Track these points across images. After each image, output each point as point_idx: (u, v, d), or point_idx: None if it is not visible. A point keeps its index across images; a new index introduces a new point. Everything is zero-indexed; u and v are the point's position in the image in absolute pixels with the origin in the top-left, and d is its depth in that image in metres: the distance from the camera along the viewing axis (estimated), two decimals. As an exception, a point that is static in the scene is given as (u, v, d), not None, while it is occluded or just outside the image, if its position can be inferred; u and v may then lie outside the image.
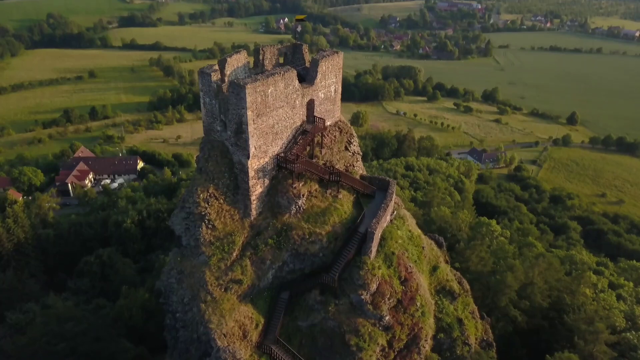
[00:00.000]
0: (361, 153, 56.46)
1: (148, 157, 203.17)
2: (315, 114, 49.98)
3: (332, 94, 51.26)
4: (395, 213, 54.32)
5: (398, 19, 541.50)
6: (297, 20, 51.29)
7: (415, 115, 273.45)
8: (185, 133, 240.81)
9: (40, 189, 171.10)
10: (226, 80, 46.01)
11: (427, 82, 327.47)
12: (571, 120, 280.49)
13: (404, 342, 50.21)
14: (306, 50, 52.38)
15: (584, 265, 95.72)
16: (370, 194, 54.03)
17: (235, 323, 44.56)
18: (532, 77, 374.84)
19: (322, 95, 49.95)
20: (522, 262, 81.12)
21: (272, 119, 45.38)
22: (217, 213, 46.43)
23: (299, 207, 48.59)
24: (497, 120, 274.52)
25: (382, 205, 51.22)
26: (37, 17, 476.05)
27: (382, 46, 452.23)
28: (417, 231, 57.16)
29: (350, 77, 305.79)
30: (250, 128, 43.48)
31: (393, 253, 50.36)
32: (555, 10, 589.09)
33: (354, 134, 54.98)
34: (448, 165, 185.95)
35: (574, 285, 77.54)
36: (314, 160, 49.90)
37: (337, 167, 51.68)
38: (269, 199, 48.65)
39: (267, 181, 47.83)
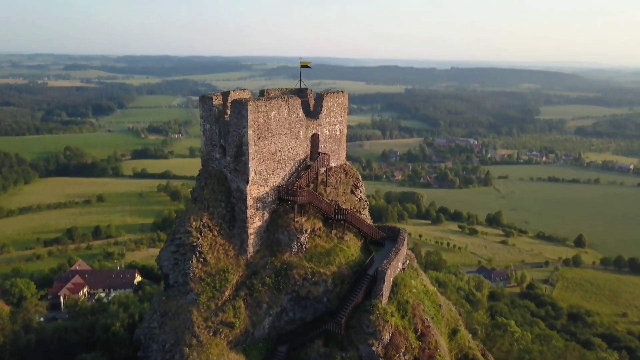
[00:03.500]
0: (368, 202, 53.13)
1: (147, 272, 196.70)
2: (320, 150, 47.93)
3: (337, 133, 49.78)
4: (407, 262, 49.29)
5: (398, 153, 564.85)
6: (302, 66, 51.74)
7: (420, 235, 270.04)
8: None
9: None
10: (227, 112, 44.91)
11: (431, 207, 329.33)
12: (579, 242, 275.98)
13: (424, 411, 42.03)
14: (311, 94, 52.06)
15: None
16: (380, 242, 49.58)
17: (224, 370, 37.60)
18: (533, 204, 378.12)
19: (327, 133, 48.40)
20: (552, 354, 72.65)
21: (274, 144, 43.28)
22: (210, 246, 41.98)
23: (301, 245, 44.07)
24: (503, 242, 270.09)
25: (393, 249, 46.61)
26: (55, 150, 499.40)
27: (384, 176, 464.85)
28: (433, 288, 51.39)
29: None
30: (251, 149, 41.19)
31: (407, 302, 44.45)
32: (549, 146, 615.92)
33: (360, 179, 52.29)
34: (457, 279, 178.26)
35: (614, 378, 68.06)
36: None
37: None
38: (268, 236, 44.40)
39: (266, 215, 44.09)
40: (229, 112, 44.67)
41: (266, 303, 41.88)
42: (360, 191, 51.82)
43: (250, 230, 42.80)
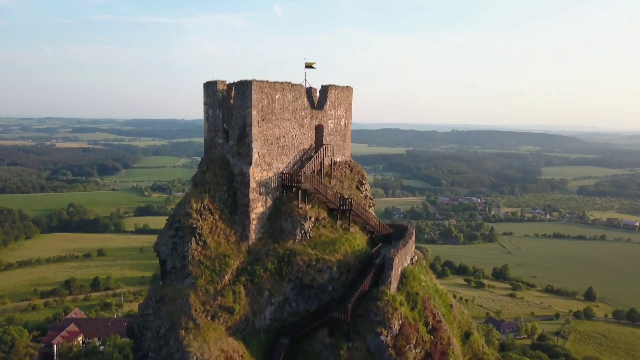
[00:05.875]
0: (374, 202, 51.81)
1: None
2: (325, 143, 47.29)
3: (342, 128, 49.42)
4: (416, 258, 47.30)
5: (402, 210, 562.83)
6: (307, 66, 51.91)
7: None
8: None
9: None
10: (232, 101, 44.71)
11: (436, 260, 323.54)
12: (589, 296, 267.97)
13: (438, 410, 38.65)
14: (315, 93, 51.93)
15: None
16: (386, 239, 47.81)
17: (222, 353, 34.93)
18: (540, 259, 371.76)
19: (332, 125, 48.04)
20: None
21: (278, 129, 42.79)
22: (210, 229, 40.44)
23: (305, 233, 42.45)
24: (511, 295, 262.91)
25: (402, 240, 44.86)
26: (58, 207, 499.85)
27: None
28: (443, 288, 48.97)
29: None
30: (255, 130, 40.67)
31: (417, 294, 42.14)
32: (552, 204, 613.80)
33: (366, 176, 51.25)
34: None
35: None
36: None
37: (347, 202, 46.71)
38: (271, 224, 42.88)
39: (269, 200, 42.83)
40: (232, 101, 44.59)
41: (268, 290, 39.75)
42: (366, 189, 50.71)
43: (253, 216, 41.42)
